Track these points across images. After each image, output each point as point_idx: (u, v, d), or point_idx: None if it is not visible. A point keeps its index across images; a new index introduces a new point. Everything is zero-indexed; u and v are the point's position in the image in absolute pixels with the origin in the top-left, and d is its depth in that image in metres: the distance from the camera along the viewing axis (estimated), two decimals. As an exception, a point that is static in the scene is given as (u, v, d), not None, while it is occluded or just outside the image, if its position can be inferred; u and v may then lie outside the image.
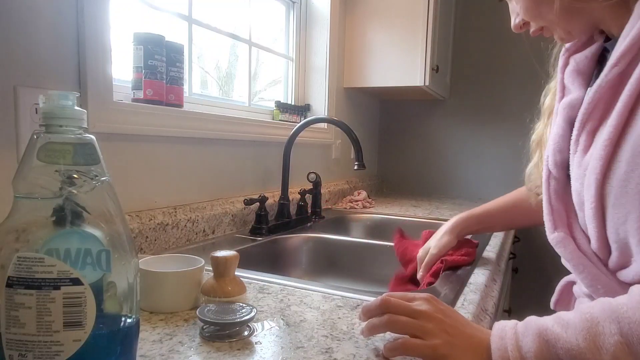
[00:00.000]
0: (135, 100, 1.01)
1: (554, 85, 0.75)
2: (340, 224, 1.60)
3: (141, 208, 0.99)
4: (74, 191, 0.41)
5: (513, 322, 0.52)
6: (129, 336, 0.45)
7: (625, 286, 0.56)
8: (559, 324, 0.48)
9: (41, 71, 0.79)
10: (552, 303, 0.77)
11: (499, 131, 2.24)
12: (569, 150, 0.65)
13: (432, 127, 2.42)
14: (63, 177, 0.40)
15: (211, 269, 0.66)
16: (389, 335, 0.60)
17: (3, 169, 0.74)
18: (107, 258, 0.41)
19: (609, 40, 0.65)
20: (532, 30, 0.69)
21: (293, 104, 1.82)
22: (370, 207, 1.82)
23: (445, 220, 1.26)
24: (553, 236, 0.67)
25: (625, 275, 0.58)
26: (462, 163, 2.33)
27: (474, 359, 0.50)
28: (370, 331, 0.56)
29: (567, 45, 0.71)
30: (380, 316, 0.55)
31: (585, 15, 0.62)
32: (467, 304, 0.73)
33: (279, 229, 1.28)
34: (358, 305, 0.70)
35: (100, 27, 0.86)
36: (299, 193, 1.45)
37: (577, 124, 0.62)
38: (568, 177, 0.67)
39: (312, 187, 1.51)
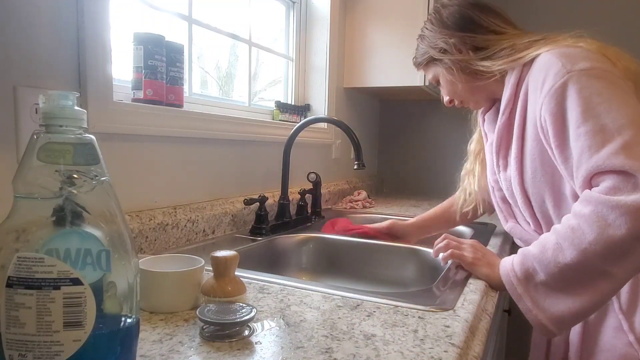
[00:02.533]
0: (135, 100, 1.01)
1: (476, 135, 1.18)
2: (340, 224, 1.60)
3: (141, 208, 0.99)
4: (74, 191, 0.41)
5: (512, 255, 0.84)
6: (129, 336, 0.45)
7: None
8: (530, 245, 0.81)
9: (41, 71, 0.79)
10: None
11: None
12: (495, 170, 1.03)
13: (432, 127, 2.41)
14: (63, 177, 0.40)
15: (211, 269, 0.66)
16: (388, 336, 0.59)
17: (3, 169, 0.74)
18: (107, 258, 0.41)
19: None
20: (456, 104, 1.10)
21: (293, 104, 1.82)
22: (370, 207, 1.82)
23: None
24: (507, 226, 1.07)
25: None
26: (462, 163, 2.33)
27: (490, 270, 0.86)
28: (437, 252, 0.96)
29: (480, 110, 1.11)
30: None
31: (483, 90, 1.02)
32: (467, 304, 0.73)
33: (279, 229, 1.28)
34: (358, 306, 0.70)
35: (100, 27, 0.86)
36: (299, 193, 1.45)
37: (494, 154, 1.00)
38: (502, 189, 1.04)
39: (312, 187, 1.51)
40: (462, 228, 1.43)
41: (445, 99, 1.10)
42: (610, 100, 0.76)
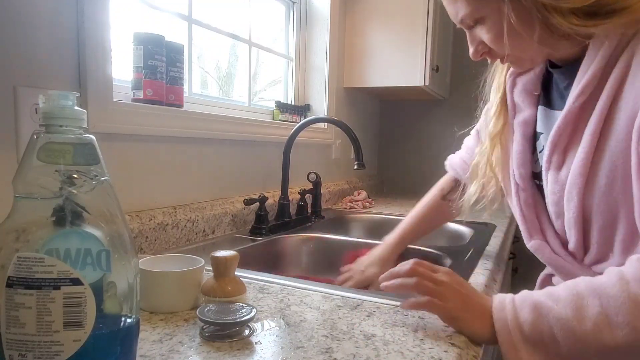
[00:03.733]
0: (135, 100, 1.01)
1: (497, 108, 0.83)
2: (340, 224, 1.60)
3: (141, 208, 0.99)
4: (74, 191, 0.40)
5: (510, 295, 0.60)
6: (129, 336, 0.45)
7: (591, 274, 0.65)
8: (550, 298, 0.56)
9: (41, 71, 0.79)
10: None
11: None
12: (531, 163, 0.77)
13: (432, 127, 2.41)
14: (63, 177, 0.40)
15: (211, 269, 0.66)
16: (388, 336, 0.60)
17: (3, 169, 0.74)
18: (107, 258, 0.41)
19: (553, 65, 0.75)
20: (491, 59, 0.76)
21: (293, 104, 1.82)
22: (370, 207, 1.82)
23: (445, 220, 1.27)
24: (531, 244, 0.78)
25: (600, 268, 0.67)
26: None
27: (481, 323, 0.60)
28: (398, 288, 0.65)
29: (510, 71, 0.81)
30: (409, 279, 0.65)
31: (548, 47, 0.69)
32: (467, 304, 0.72)
33: (279, 229, 1.28)
34: (358, 305, 0.70)
35: (100, 27, 0.86)
36: (299, 193, 1.45)
37: (548, 144, 0.71)
38: (534, 187, 0.78)
39: (312, 187, 1.51)
40: (462, 228, 1.43)
41: (476, 48, 0.74)
42: None
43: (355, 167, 1.27)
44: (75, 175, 0.41)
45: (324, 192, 1.66)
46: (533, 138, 0.79)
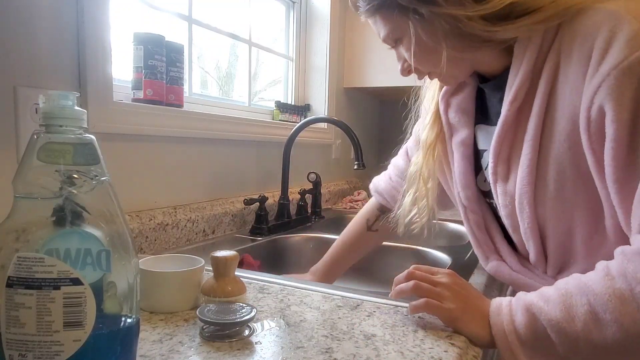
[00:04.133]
0: (135, 100, 1.01)
1: (430, 119, 0.82)
2: (340, 224, 1.60)
3: (141, 208, 0.99)
4: (74, 191, 0.40)
5: (507, 299, 0.60)
6: (129, 336, 0.45)
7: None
8: (542, 299, 0.55)
9: (41, 71, 0.79)
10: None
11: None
12: (475, 184, 0.76)
13: (432, 127, 2.41)
14: (63, 177, 0.40)
15: (211, 269, 0.66)
16: (388, 336, 0.60)
17: (3, 169, 0.74)
18: (107, 258, 0.41)
19: (484, 81, 0.73)
20: (419, 76, 0.75)
21: (293, 104, 1.82)
22: (370, 207, 1.81)
23: (445, 220, 1.27)
24: (488, 267, 0.78)
25: (563, 277, 0.62)
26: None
27: (479, 325, 0.59)
28: (398, 294, 0.65)
29: (443, 90, 0.79)
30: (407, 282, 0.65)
31: (468, 61, 0.70)
32: (467, 304, 0.72)
33: (279, 229, 1.28)
34: (358, 306, 0.70)
35: (100, 27, 0.86)
36: (299, 193, 1.45)
37: (491, 157, 0.69)
38: (485, 207, 0.76)
39: (312, 187, 1.51)
40: (462, 228, 1.43)
41: (405, 65, 0.75)
42: None
43: (355, 167, 1.27)
44: (75, 175, 0.41)
45: (324, 192, 1.66)
46: (474, 158, 0.77)
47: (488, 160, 0.71)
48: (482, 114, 0.75)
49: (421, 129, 0.86)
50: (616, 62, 0.52)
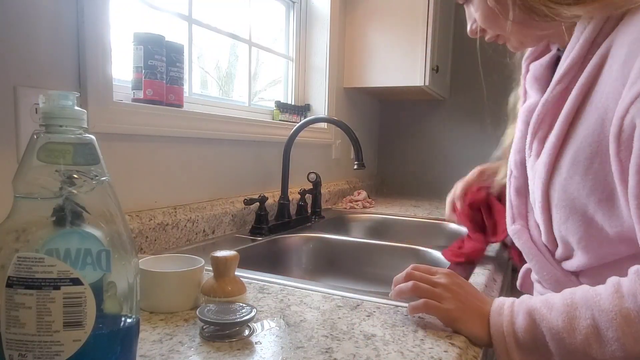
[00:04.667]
0: (135, 100, 1.01)
1: (521, 89, 0.80)
2: (340, 224, 1.60)
3: (141, 208, 0.99)
4: (74, 191, 0.40)
5: (510, 300, 0.60)
6: (129, 336, 0.45)
7: (568, 274, 0.67)
8: (545, 305, 0.55)
9: (41, 71, 0.79)
10: (518, 285, 0.84)
11: (499, 131, 2.24)
12: (525, 148, 0.73)
13: (432, 127, 2.41)
14: (63, 177, 0.40)
15: (211, 269, 0.66)
16: (388, 336, 0.60)
17: (3, 169, 0.74)
18: (107, 258, 0.41)
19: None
20: (487, 37, 0.74)
21: (293, 104, 1.82)
22: (370, 207, 1.82)
23: (445, 220, 1.26)
24: (511, 228, 0.76)
25: (569, 265, 0.67)
26: (462, 163, 2.33)
27: (477, 325, 0.60)
28: (398, 295, 0.66)
29: (527, 53, 0.78)
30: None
31: (537, 29, 0.68)
32: (467, 304, 0.72)
33: (279, 229, 1.28)
34: (358, 306, 0.70)
35: (100, 27, 0.86)
36: (299, 193, 1.45)
37: (529, 132, 0.69)
38: (527, 175, 0.74)
39: (312, 187, 1.51)
40: (462, 228, 1.43)
41: (473, 25, 0.74)
42: None
43: (355, 167, 1.27)
44: (75, 175, 0.41)
45: (324, 192, 1.66)
46: None
47: None
48: None
49: (512, 98, 0.86)
50: None
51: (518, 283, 0.84)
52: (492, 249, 1.13)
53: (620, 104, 0.53)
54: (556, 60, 0.72)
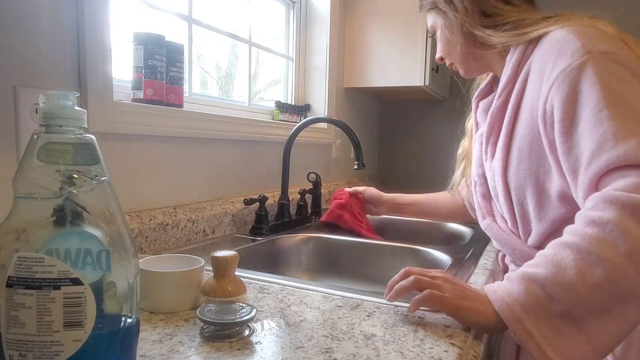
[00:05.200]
0: (135, 100, 1.01)
1: (471, 115, 1.04)
2: (340, 224, 1.60)
3: (141, 208, 0.99)
4: (74, 191, 0.41)
5: (497, 282, 0.65)
6: (129, 336, 0.45)
7: (533, 249, 0.82)
8: (530, 266, 0.61)
9: (41, 71, 0.79)
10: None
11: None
12: (483, 163, 0.92)
13: (432, 127, 2.41)
14: (63, 177, 0.40)
15: (211, 269, 0.66)
16: (388, 336, 0.60)
17: (3, 169, 0.74)
18: (107, 258, 0.41)
19: None
20: (447, 64, 0.97)
21: (293, 104, 1.82)
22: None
23: (445, 220, 1.26)
24: (483, 223, 0.95)
25: (532, 241, 0.83)
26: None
27: (482, 309, 0.62)
28: (398, 293, 0.67)
29: (476, 93, 1.00)
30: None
31: (480, 59, 0.90)
32: (467, 304, 0.72)
33: (279, 229, 1.28)
34: (358, 306, 0.70)
35: (100, 27, 0.86)
36: (299, 193, 1.45)
37: (484, 139, 0.90)
38: (487, 182, 0.93)
39: (312, 187, 1.51)
40: (462, 228, 1.43)
41: (438, 55, 0.97)
42: (636, 88, 0.66)
43: (355, 167, 1.27)
44: (75, 175, 0.41)
45: (324, 192, 1.66)
46: None
47: None
48: None
49: (467, 120, 1.09)
50: (562, 68, 0.69)
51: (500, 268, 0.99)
52: (492, 249, 1.13)
53: (541, 96, 0.72)
54: None
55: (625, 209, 0.57)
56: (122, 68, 1.05)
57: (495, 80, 0.94)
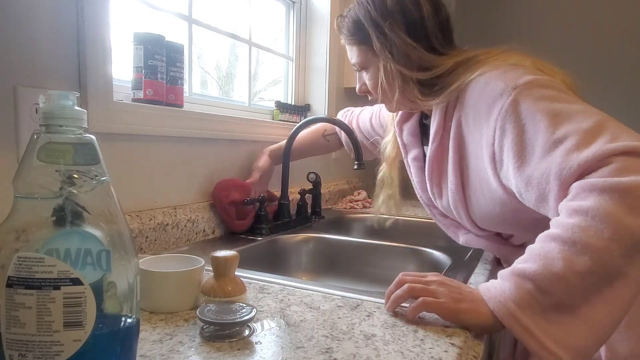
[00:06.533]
0: (135, 100, 1.01)
1: (391, 138, 1.09)
2: (340, 224, 1.60)
3: (141, 208, 0.99)
4: (74, 191, 0.41)
5: (491, 280, 0.66)
6: (129, 336, 0.45)
7: (518, 248, 0.91)
8: (518, 262, 0.63)
9: (41, 71, 0.79)
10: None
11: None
12: (428, 191, 0.98)
13: (432, 127, 2.41)
14: (63, 177, 0.40)
15: (211, 269, 0.66)
16: (388, 336, 0.60)
17: (3, 169, 0.74)
18: (107, 258, 0.41)
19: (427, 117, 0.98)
20: (370, 98, 0.99)
21: (293, 104, 1.82)
22: (370, 207, 1.82)
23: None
24: (462, 240, 1.01)
25: (514, 240, 0.94)
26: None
27: (478, 310, 0.62)
28: (394, 303, 0.67)
29: (397, 117, 1.05)
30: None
31: (409, 100, 0.92)
32: (467, 304, 0.72)
33: (279, 229, 1.28)
34: (358, 306, 0.70)
35: (100, 27, 0.86)
36: (299, 193, 1.45)
37: (427, 182, 0.96)
38: (436, 204, 0.98)
39: (312, 187, 1.51)
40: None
41: (362, 87, 0.98)
42: (569, 103, 0.69)
43: (355, 167, 1.27)
44: (75, 175, 0.41)
45: (324, 192, 1.66)
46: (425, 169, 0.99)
47: None
48: (427, 137, 0.96)
49: (383, 144, 1.12)
50: (498, 111, 0.73)
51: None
52: (492, 249, 1.13)
53: (485, 143, 0.77)
54: (419, 123, 1.02)
55: (604, 192, 0.59)
56: (122, 68, 1.05)
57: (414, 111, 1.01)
